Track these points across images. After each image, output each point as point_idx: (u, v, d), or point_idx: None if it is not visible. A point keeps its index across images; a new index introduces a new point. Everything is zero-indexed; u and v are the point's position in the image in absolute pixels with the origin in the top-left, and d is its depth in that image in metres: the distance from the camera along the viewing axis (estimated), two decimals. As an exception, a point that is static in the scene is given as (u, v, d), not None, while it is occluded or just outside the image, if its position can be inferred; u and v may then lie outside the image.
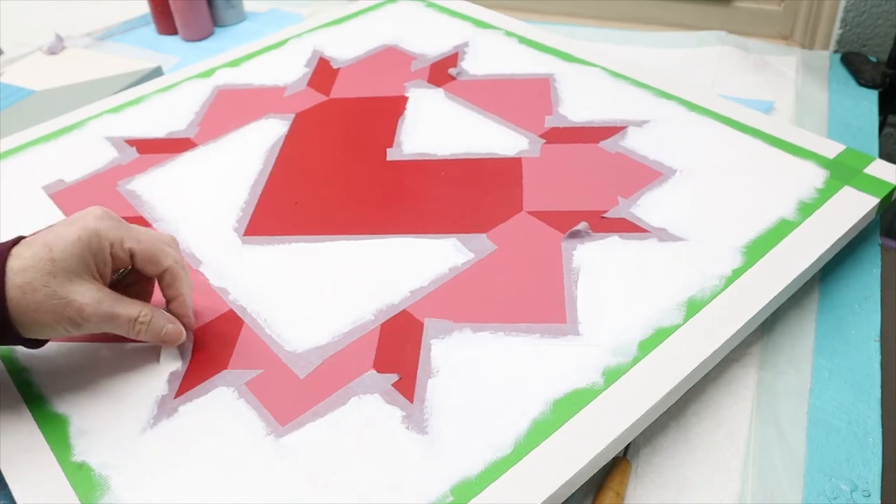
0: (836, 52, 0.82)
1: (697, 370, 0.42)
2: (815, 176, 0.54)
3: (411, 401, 0.41)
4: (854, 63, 0.77)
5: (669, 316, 0.44)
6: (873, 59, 0.79)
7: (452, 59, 0.73)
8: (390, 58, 0.74)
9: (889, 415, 0.45)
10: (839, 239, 0.49)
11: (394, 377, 0.42)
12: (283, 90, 0.70)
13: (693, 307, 0.45)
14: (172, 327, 0.43)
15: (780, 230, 0.50)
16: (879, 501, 0.39)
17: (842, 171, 0.54)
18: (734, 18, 0.90)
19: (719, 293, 0.45)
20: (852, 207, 0.51)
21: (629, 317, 0.44)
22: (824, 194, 0.53)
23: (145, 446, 0.40)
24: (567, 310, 0.45)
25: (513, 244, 0.50)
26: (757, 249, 0.48)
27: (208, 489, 0.38)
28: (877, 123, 0.70)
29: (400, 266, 0.49)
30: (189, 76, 0.74)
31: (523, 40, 0.75)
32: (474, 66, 0.72)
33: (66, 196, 0.59)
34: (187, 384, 0.43)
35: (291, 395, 0.42)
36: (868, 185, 0.53)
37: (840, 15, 0.81)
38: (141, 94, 0.72)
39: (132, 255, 0.41)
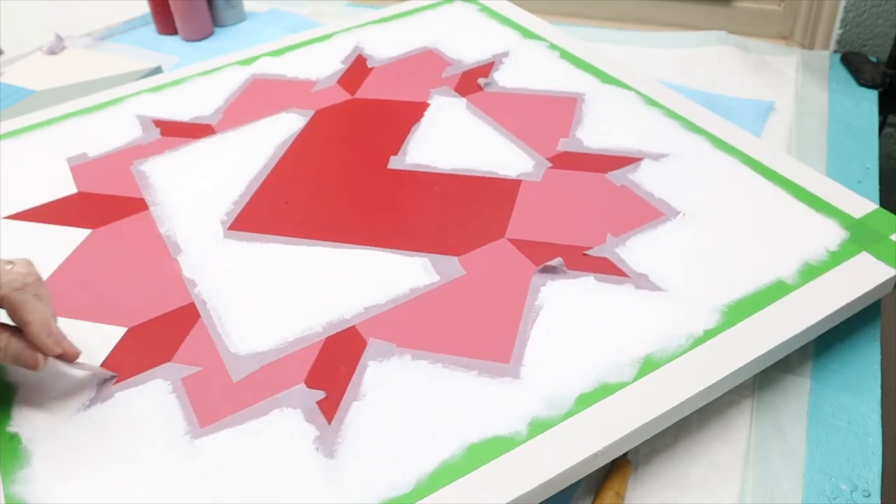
0: (836, 52, 0.82)
1: (632, 435, 0.39)
2: (832, 236, 0.49)
3: (329, 422, 0.40)
4: (854, 63, 0.77)
5: (619, 371, 0.41)
6: (873, 59, 0.79)
7: (487, 68, 0.71)
8: (426, 61, 0.73)
9: (889, 415, 0.45)
10: (837, 311, 0.45)
11: (321, 394, 0.42)
12: (313, 85, 0.71)
13: (648, 365, 0.42)
14: (26, 354, 0.41)
15: (773, 293, 0.45)
16: (879, 501, 0.39)
17: (864, 234, 0.49)
18: (734, 18, 0.90)
19: (681, 354, 0.42)
20: (863, 277, 0.46)
21: (576, 366, 0.42)
22: (836, 258, 0.48)
23: (72, 428, 0.41)
24: (514, 350, 0.43)
25: (482, 272, 0.49)
26: (739, 311, 0.44)
27: (114, 480, 0.38)
28: (877, 123, 0.70)
29: (363, 280, 0.49)
30: (231, 62, 0.76)
31: (565, 55, 0.72)
32: (507, 77, 0.69)
33: (84, 170, 0.61)
34: (130, 371, 0.44)
35: (219, 398, 0.42)
36: (891, 253, 0.48)
37: (840, 15, 0.80)
38: (182, 75, 0.74)
39: None
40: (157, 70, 0.82)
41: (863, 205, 0.52)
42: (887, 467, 0.41)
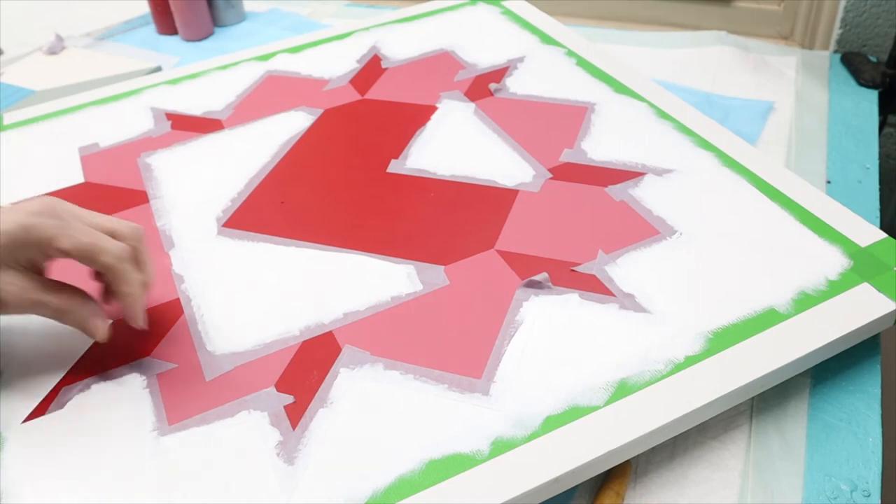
0: (836, 52, 0.82)
1: (596, 462, 0.38)
2: (834, 265, 0.47)
3: (294, 427, 0.40)
4: (854, 63, 0.77)
5: (591, 395, 0.40)
6: (873, 59, 0.79)
7: (501, 73, 0.70)
8: (440, 64, 0.73)
9: (889, 415, 0.45)
10: (829, 344, 0.43)
11: (289, 399, 0.42)
12: (325, 83, 0.71)
13: (622, 390, 0.41)
14: (94, 323, 0.42)
15: (763, 321, 0.44)
16: (879, 501, 0.39)
17: (868, 264, 0.47)
18: (734, 18, 0.90)
19: (658, 380, 0.41)
20: (862, 310, 0.44)
21: (548, 386, 0.41)
22: (835, 288, 0.46)
23: (44, 418, 0.42)
24: (487, 366, 0.43)
25: (467, 283, 0.48)
26: (725, 338, 0.43)
27: (78, 477, 0.39)
28: (877, 123, 0.70)
29: (346, 285, 0.49)
30: (248, 57, 0.76)
31: (581, 62, 0.71)
32: (520, 83, 0.68)
33: (93, 160, 0.63)
34: (109, 363, 0.45)
35: (191, 396, 0.42)
36: (894, 285, 0.45)
37: (840, 15, 0.80)
38: (201, 69, 0.75)
39: (67, 253, 0.41)
40: (157, 70, 0.82)
41: (871, 233, 0.49)
42: (887, 467, 0.41)
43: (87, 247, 0.41)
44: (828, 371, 0.45)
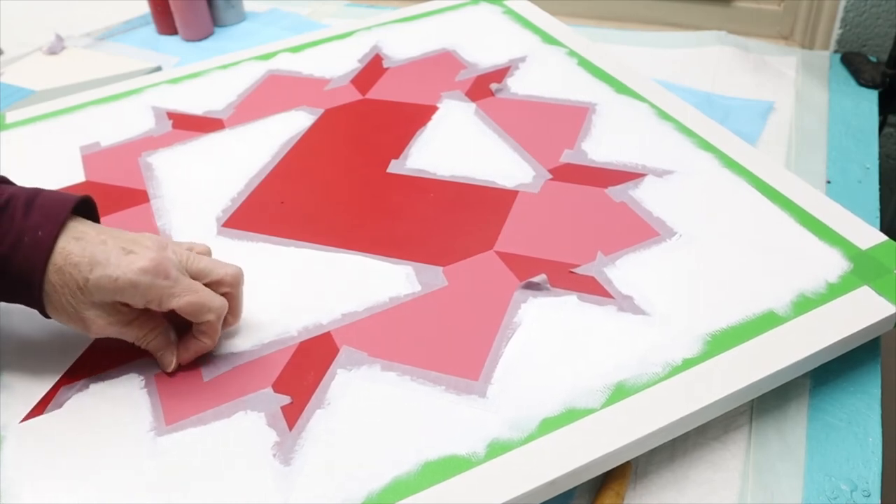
0: (836, 52, 0.82)
1: (594, 464, 0.38)
2: (834, 267, 0.47)
3: (290, 428, 0.40)
4: (854, 63, 0.77)
5: (588, 397, 0.40)
6: (873, 59, 0.79)
7: (502, 72, 0.70)
8: (442, 63, 0.73)
9: (889, 415, 0.45)
10: (828, 348, 0.43)
11: (286, 400, 0.42)
12: (327, 83, 0.71)
13: (619, 393, 0.41)
14: (166, 358, 0.43)
15: (761, 324, 0.44)
16: (879, 501, 0.39)
17: (868, 267, 0.47)
18: (734, 18, 0.90)
19: (655, 383, 0.41)
20: (861, 313, 0.44)
21: (545, 388, 0.41)
22: (834, 291, 0.46)
23: (43, 418, 0.42)
24: (485, 367, 0.43)
25: (465, 284, 0.48)
26: (723, 341, 0.43)
27: (76, 476, 0.39)
28: (877, 123, 0.70)
29: (345, 285, 0.49)
30: (249, 57, 0.76)
31: (583, 62, 0.71)
32: (521, 83, 0.68)
33: (94, 159, 0.63)
34: (107, 364, 0.45)
35: (188, 396, 0.42)
36: (894, 289, 0.45)
37: (840, 15, 0.80)
38: (202, 68, 0.75)
39: (172, 309, 0.41)
40: (157, 70, 0.82)
41: (871, 235, 0.49)
42: (887, 467, 0.41)
43: (192, 308, 0.41)
44: (828, 371, 0.45)
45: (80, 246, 0.40)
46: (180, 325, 0.44)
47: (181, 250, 0.43)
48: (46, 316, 0.42)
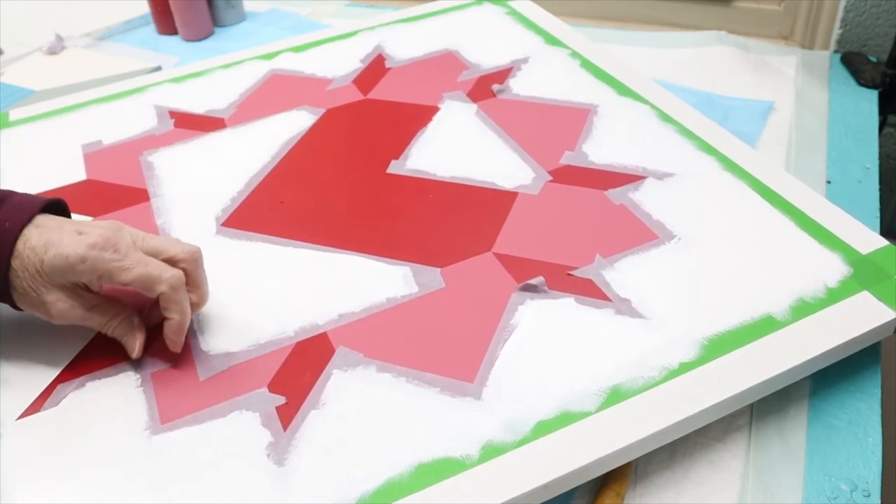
0: (836, 52, 0.82)
1: (588, 467, 0.38)
2: (834, 272, 0.47)
3: (285, 429, 0.40)
4: (854, 63, 0.77)
5: (583, 400, 0.40)
6: (873, 59, 0.79)
7: (504, 73, 0.70)
8: (444, 64, 0.73)
9: (889, 415, 0.45)
10: (826, 353, 0.42)
11: (281, 400, 0.42)
12: (329, 83, 0.71)
13: (615, 396, 0.40)
14: (131, 343, 0.44)
15: (759, 328, 0.43)
16: (879, 501, 0.39)
17: (868, 272, 0.46)
18: (734, 18, 0.90)
19: (651, 387, 0.41)
20: (860, 318, 0.44)
21: (540, 391, 0.41)
22: (834, 296, 0.45)
23: (39, 415, 0.42)
24: (480, 370, 0.42)
25: (463, 286, 0.48)
26: (721, 345, 0.43)
27: (73, 470, 0.39)
28: (877, 123, 0.70)
29: (342, 286, 0.49)
30: (252, 56, 0.76)
31: (585, 63, 0.70)
32: (522, 84, 0.68)
33: (96, 157, 0.63)
34: (104, 362, 0.45)
35: (184, 395, 0.43)
36: (894, 294, 0.45)
37: (840, 15, 0.80)
38: (204, 67, 0.75)
39: (124, 284, 0.42)
40: (157, 70, 0.82)
41: (872, 240, 0.49)
42: (887, 467, 0.41)
43: (142, 279, 0.42)
44: (828, 372, 0.45)
45: (38, 232, 0.42)
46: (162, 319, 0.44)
47: (138, 232, 0.44)
48: (17, 307, 0.43)
